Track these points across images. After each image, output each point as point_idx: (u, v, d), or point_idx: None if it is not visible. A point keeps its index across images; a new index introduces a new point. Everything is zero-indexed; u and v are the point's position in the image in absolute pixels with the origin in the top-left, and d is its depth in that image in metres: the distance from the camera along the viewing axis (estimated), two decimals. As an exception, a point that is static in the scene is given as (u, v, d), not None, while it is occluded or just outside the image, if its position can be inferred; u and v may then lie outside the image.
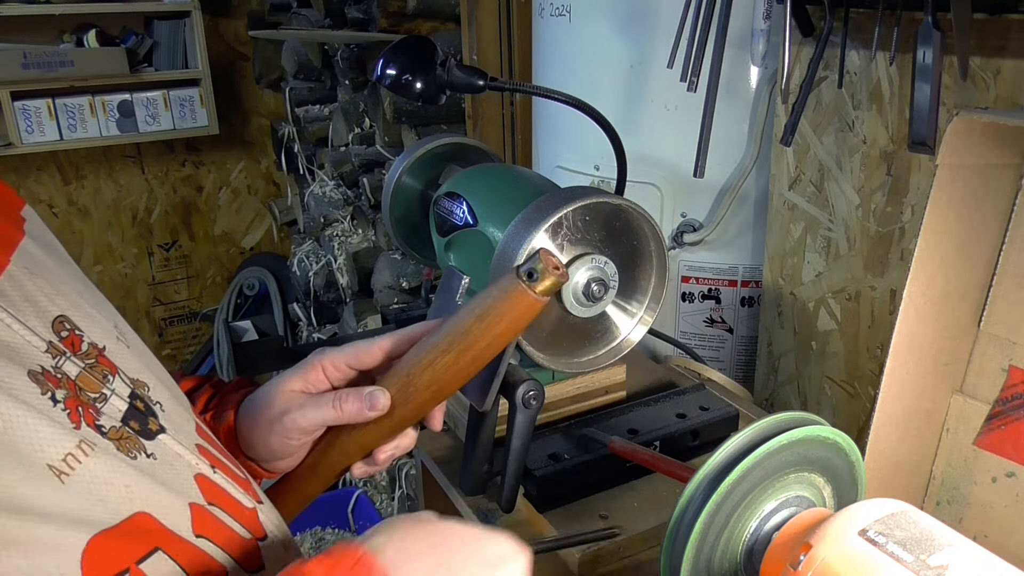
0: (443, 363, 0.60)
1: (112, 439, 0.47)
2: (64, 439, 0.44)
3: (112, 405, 0.48)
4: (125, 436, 0.48)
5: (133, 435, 0.49)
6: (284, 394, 0.64)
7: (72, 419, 0.45)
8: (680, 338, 1.21)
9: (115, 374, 0.50)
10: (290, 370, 0.66)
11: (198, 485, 0.52)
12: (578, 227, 0.77)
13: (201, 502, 0.52)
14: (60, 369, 0.46)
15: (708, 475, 0.56)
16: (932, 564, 0.49)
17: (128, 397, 0.50)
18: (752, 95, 1.09)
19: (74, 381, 0.46)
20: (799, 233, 1.05)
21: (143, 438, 0.50)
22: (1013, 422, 0.71)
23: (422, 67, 0.88)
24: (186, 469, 0.52)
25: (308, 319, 2.99)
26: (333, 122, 2.59)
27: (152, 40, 2.90)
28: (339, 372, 0.64)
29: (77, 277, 0.55)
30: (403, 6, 2.11)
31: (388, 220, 1.04)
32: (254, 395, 0.67)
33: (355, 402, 0.61)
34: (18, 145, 2.75)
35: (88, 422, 0.46)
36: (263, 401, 0.65)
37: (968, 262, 0.71)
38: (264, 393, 0.66)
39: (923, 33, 0.72)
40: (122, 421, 0.48)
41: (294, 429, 0.62)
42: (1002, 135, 0.66)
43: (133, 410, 0.50)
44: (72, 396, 0.46)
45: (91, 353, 0.49)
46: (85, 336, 0.49)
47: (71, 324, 0.48)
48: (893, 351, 0.69)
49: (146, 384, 0.53)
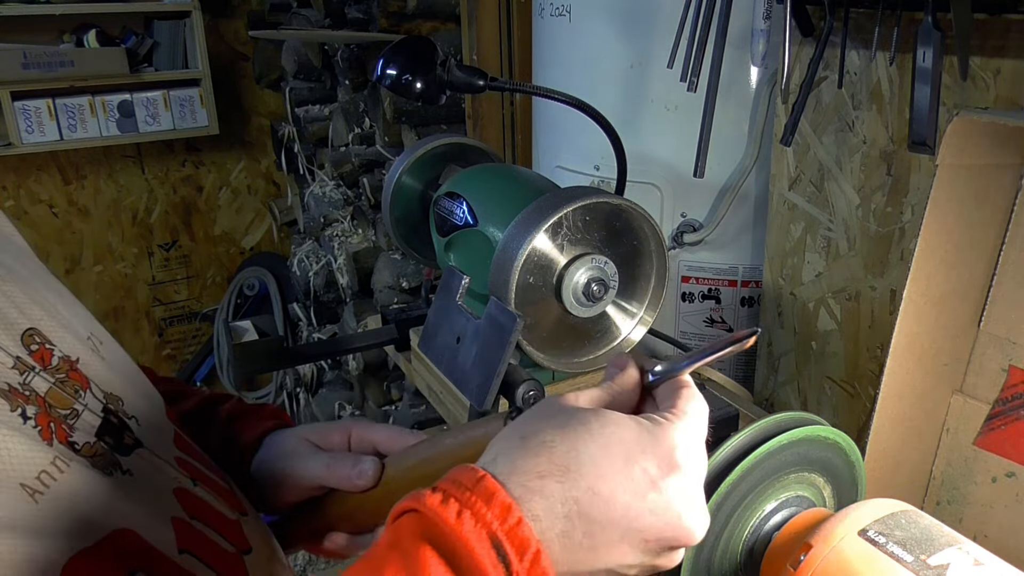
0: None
1: (86, 455, 0.45)
2: (37, 456, 0.42)
3: (85, 420, 0.46)
4: (100, 452, 0.46)
5: (108, 451, 0.47)
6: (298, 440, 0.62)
7: (44, 436, 0.43)
8: (680, 338, 1.21)
9: (87, 388, 0.48)
10: (321, 424, 0.64)
11: (178, 499, 0.51)
12: (578, 227, 0.77)
13: (183, 516, 0.50)
14: (28, 385, 0.44)
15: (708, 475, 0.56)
16: (932, 564, 0.49)
17: (101, 412, 0.48)
18: (752, 95, 1.09)
19: (43, 397, 0.44)
20: (799, 233, 1.05)
21: (118, 453, 0.48)
22: (1013, 422, 0.71)
23: (422, 67, 0.88)
24: (165, 484, 0.50)
25: (308, 319, 2.99)
26: (333, 122, 2.59)
27: (152, 40, 2.90)
28: (363, 445, 0.62)
29: (50, 284, 0.53)
30: (403, 6, 2.11)
31: (388, 220, 1.04)
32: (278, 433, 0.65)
33: (346, 467, 0.58)
34: (18, 145, 2.75)
35: (61, 438, 0.44)
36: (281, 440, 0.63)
37: (968, 262, 0.71)
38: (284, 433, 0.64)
39: (923, 33, 0.72)
40: (96, 436, 0.47)
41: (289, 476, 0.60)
42: (1002, 135, 0.66)
43: (107, 424, 0.48)
44: (43, 412, 0.44)
45: (61, 367, 0.47)
46: (56, 349, 0.47)
47: (41, 337, 0.47)
48: (893, 351, 0.69)
49: (120, 399, 0.51)
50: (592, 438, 0.41)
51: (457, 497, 0.38)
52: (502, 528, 0.38)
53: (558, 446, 0.40)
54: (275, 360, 1.03)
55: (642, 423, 0.42)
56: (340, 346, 1.37)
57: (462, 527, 0.37)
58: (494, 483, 0.39)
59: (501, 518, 0.38)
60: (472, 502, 0.38)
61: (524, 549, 0.38)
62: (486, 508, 0.38)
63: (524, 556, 0.37)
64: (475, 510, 0.38)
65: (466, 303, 0.88)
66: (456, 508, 0.38)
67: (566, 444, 0.41)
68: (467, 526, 0.37)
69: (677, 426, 0.43)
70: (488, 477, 0.39)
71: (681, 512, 0.41)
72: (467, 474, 0.40)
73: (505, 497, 0.38)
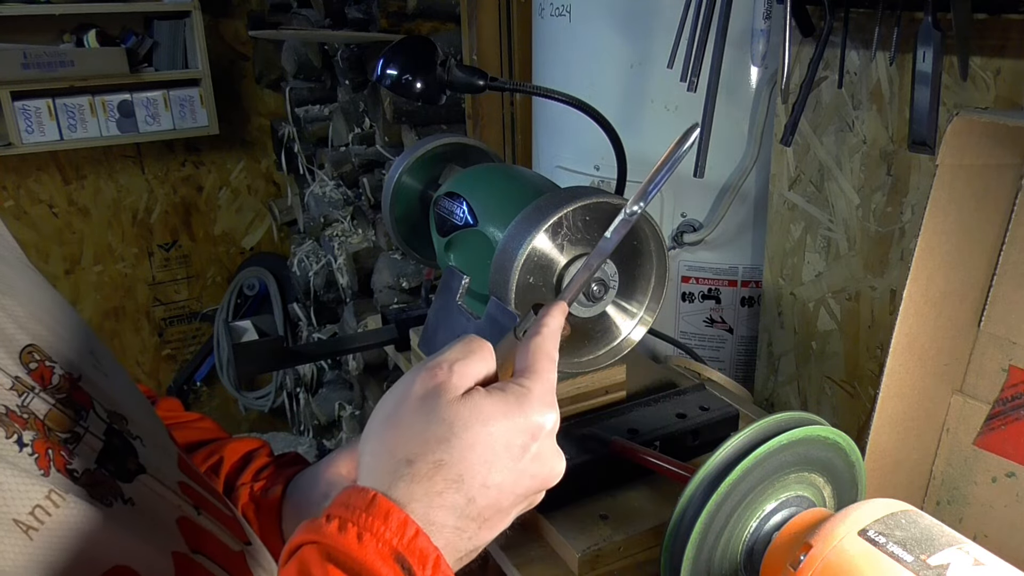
0: None
1: (85, 485, 0.44)
2: (32, 489, 0.40)
3: (86, 444, 0.45)
4: (100, 480, 0.45)
5: (108, 478, 0.46)
6: (330, 475, 0.62)
7: (40, 464, 0.41)
8: (680, 338, 1.21)
9: (90, 408, 0.47)
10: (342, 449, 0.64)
11: (181, 530, 0.50)
12: (578, 227, 0.77)
13: (184, 550, 0.49)
14: (27, 408, 0.42)
15: (708, 475, 0.56)
16: (932, 564, 0.49)
17: (104, 434, 0.47)
18: (752, 95, 1.09)
19: (42, 420, 0.43)
20: (799, 233, 1.05)
21: (120, 480, 0.46)
22: (1013, 422, 0.71)
23: (422, 67, 0.88)
24: (168, 512, 0.49)
25: (308, 319, 2.99)
26: (333, 122, 2.60)
27: (152, 40, 2.90)
28: None
29: (51, 296, 0.51)
30: (403, 6, 2.11)
31: (388, 220, 1.04)
32: (304, 472, 0.64)
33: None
34: (18, 145, 2.75)
35: (58, 466, 0.42)
36: (311, 479, 0.63)
37: (968, 262, 0.71)
38: (312, 472, 0.64)
39: (923, 33, 0.72)
40: (96, 463, 0.45)
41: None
42: (1002, 135, 0.66)
43: (109, 449, 0.46)
44: (41, 437, 0.42)
45: (62, 386, 0.46)
46: (57, 367, 0.46)
47: (41, 354, 0.45)
48: (893, 351, 0.69)
49: (125, 417, 0.50)
50: (477, 441, 0.43)
51: (354, 521, 0.40)
52: (402, 543, 0.39)
53: (447, 462, 0.42)
54: (275, 360, 1.03)
55: (508, 401, 0.45)
56: (340, 346, 1.37)
57: (365, 550, 0.39)
58: (387, 501, 0.40)
59: (400, 534, 0.40)
60: (370, 524, 0.40)
61: (425, 558, 0.40)
62: (384, 526, 0.39)
63: (427, 565, 0.40)
64: (375, 531, 0.39)
65: (466, 303, 0.88)
66: (355, 532, 0.39)
67: (455, 456, 0.42)
68: (369, 547, 0.39)
69: (534, 391, 0.46)
70: (380, 496, 0.40)
71: (552, 464, 0.47)
72: (357, 497, 0.41)
73: (399, 513, 0.40)
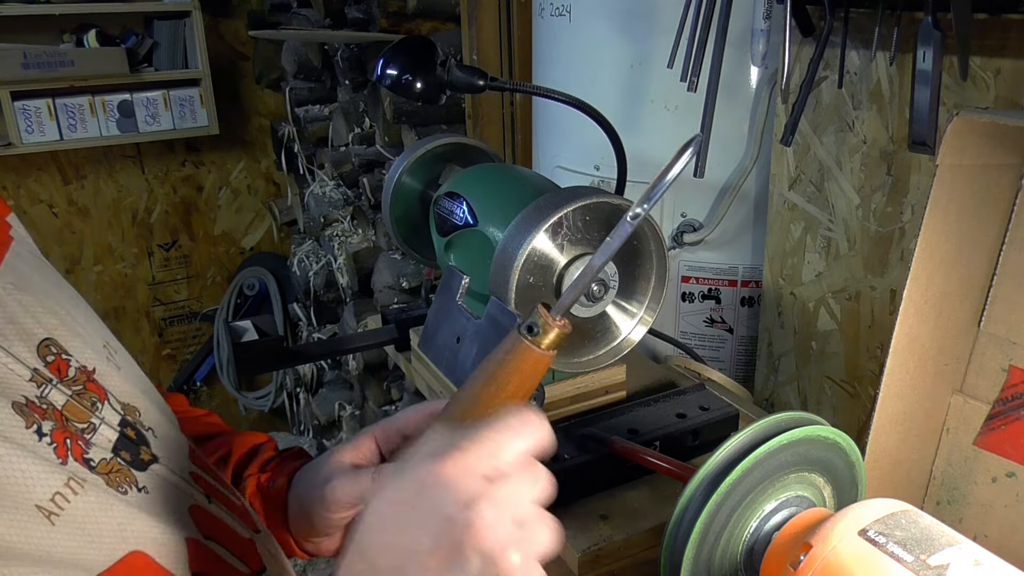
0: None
1: (102, 473, 0.45)
2: (52, 476, 0.41)
3: (101, 435, 0.46)
4: (116, 469, 0.46)
5: (124, 467, 0.47)
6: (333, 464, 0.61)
7: (59, 454, 0.42)
8: (680, 338, 1.21)
9: (104, 400, 0.48)
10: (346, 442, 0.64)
11: (193, 517, 0.50)
12: (578, 227, 0.77)
13: (197, 536, 0.50)
14: (46, 399, 0.43)
15: (708, 475, 0.56)
16: (932, 564, 0.49)
17: (118, 425, 0.48)
18: (752, 95, 1.09)
19: (60, 411, 0.44)
20: (799, 233, 1.05)
21: (135, 469, 0.47)
22: (1013, 422, 0.71)
23: (422, 67, 0.88)
24: (181, 501, 0.50)
25: (308, 319, 2.99)
26: (333, 122, 2.59)
27: (152, 40, 2.90)
28: (391, 440, 0.62)
29: (66, 291, 0.52)
30: (403, 6, 2.11)
31: (388, 220, 1.04)
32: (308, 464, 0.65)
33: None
34: (18, 145, 2.75)
35: (76, 456, 0.44)
36: (314, 470, 0.63)
37: (968, 262, 0.71)
38: (316, 463, 0.64)
39: (923, 33, 0.72)
40: (112, 452, 0.46)
41: (333, 501, 0.59)
42: (1002, 135, 0.66)
43: (124, 439, 0.47)
44: (59, 428, 0.43)
45: (79, 379, 0.46)
46: (73, 360, 0.47)
47: (58, 347, 0.46)
48: (893, 351, 0.69)
49: (137, 409, 0.51)
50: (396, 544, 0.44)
51: None
52: None
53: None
54: (275, 360, 1.03)
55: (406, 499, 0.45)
56: (340, 346, 1.37)
57: None
58: None
59: None
60: None
61: None
62: None
63: None
64: None
65: (466, 303, 0.88)
66: None
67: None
68: None
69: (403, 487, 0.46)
70: None
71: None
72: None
73: None
